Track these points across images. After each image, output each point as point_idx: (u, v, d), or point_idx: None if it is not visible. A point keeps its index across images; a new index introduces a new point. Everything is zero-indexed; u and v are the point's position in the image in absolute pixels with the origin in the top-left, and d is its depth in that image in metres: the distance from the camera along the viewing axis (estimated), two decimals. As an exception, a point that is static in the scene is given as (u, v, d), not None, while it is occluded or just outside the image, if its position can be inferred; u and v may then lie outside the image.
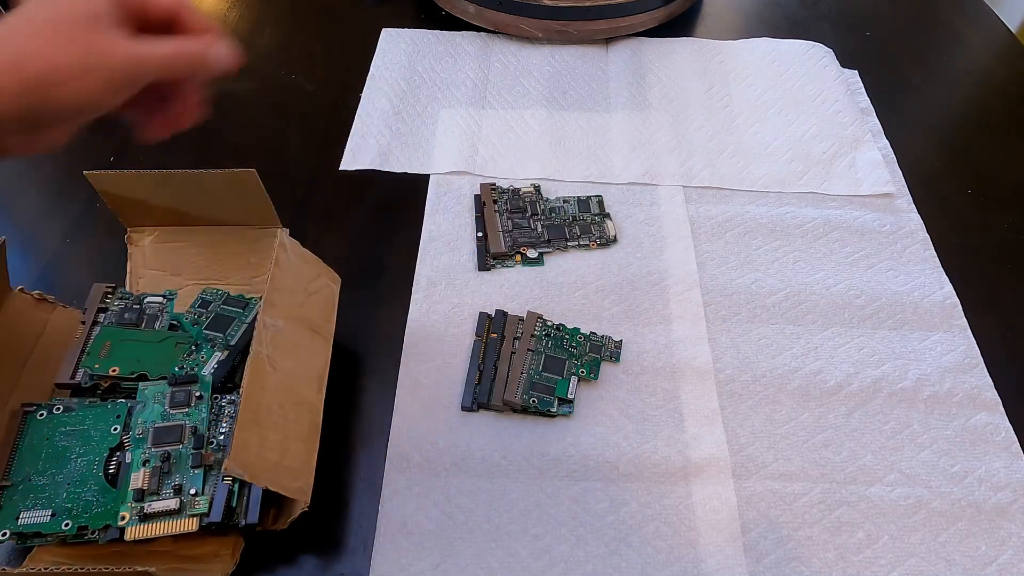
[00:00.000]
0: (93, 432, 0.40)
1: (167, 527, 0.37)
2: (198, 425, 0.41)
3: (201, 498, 0.38)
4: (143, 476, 0.38)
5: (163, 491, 0.38)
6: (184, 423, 0.41)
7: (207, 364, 0.44)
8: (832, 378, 0.49)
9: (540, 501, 0.43)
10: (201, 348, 0.45)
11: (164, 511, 0.38)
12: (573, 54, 0.73)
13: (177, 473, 0.39)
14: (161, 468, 0.39)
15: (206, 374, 0.43)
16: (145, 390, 0.42)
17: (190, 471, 0.39)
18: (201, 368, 0.44)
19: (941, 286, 0.55)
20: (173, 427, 0.40)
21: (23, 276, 0.54)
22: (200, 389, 0.42)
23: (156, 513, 0.38)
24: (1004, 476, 0.45)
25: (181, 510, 0.38)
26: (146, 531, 0.37)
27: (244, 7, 0.79)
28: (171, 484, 0.38)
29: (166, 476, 0.39)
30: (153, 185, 0.47)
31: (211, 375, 0.43)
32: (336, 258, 0.51)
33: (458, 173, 0.62)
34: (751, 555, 0.42)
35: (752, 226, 0.59)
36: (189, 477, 0.39)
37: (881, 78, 0.73)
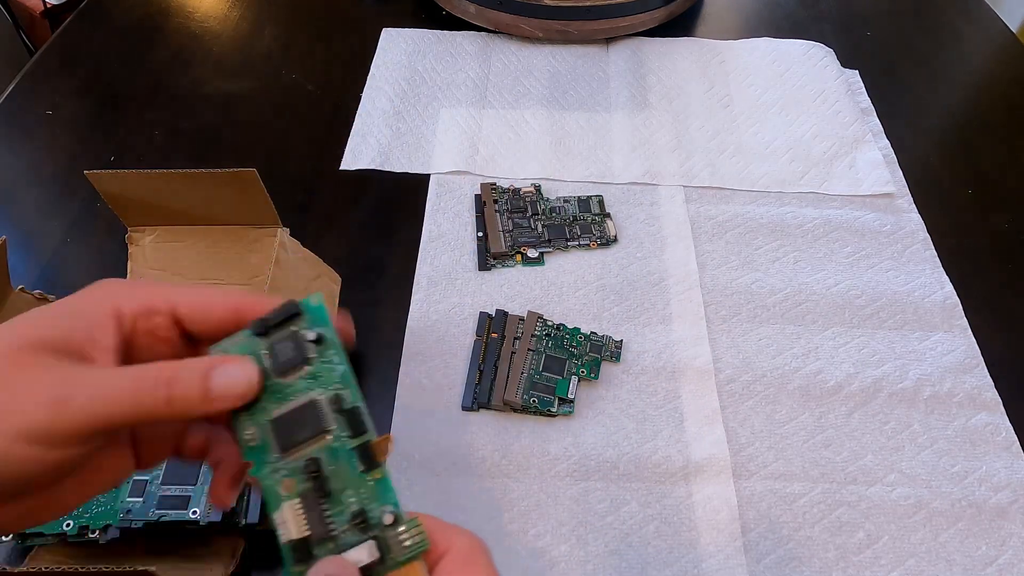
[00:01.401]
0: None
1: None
2: (340, 391, 0.25)
3: (405, 525, 0.23)
4: (294, 516, 0.24)
5: (338, 530, 0.24)
6: (316, 394, 0.25)
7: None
8: (832, 378, 0.49)
9: (540, 501, 0.43)
10: (201, 348, 0.44)
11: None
12: (573, 54, 0.73)
13: (346, 491, 0.24)
14: (315, 490, 0.24)
15: (312, 301, 0.26)
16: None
17: (363, 480, 0.24)
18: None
19: (941, 286, 0.55)
20: (301, 409, 0.25)
21: (23, 276, 0.54)
22: (310, 325, 0.26)
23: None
24: (1004, 476, 0.45)
25: (384, 556, 0.23)
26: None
27: (244, 7, 0.79)
28: (344, 515, 0.24)
29: (328, 503, 0.24)
30: (153, 185, 0.47)
31: (319, 301, 0.26)
32: (336, 258, 0.51)
33: (458, 173, 0.62)
34: (751, 555, 0.42)
35: (752, 226, 0.59)
36: (367, 491, 0.24)
37: (881, 78, 0.73)
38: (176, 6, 0.79)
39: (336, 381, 0.25)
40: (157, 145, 0.64)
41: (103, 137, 0.65)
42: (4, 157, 0.64)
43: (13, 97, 0.69)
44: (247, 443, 0.24)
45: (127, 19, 0.78)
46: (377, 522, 0.24)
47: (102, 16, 0.78)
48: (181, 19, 0.78)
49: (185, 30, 0.76)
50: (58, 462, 0.22)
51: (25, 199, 0.61)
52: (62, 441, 0.21)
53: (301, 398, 0.25)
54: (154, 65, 0.72)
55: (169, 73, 0.71)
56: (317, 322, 0.26)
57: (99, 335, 0.23)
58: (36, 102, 0.68)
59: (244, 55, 0.73)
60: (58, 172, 0.62)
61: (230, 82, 0.70)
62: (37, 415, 0.21)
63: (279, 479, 0.24)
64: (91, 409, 0.22)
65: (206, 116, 0.67)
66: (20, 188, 0.61)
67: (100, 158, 0.63)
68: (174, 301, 0.25)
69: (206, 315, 0.25)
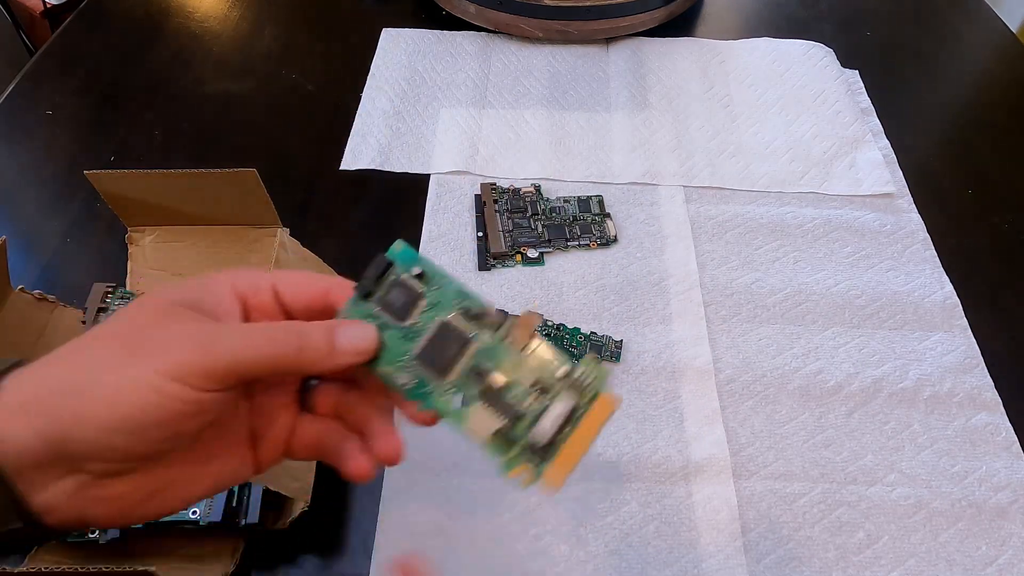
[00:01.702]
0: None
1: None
2: (462, 303, 0.27)
3: (582, 367, 0.26)
4: (482, 417, 0.26)
5: (524, 407, 0.26)
6: (442, 317, 0.27)
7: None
8: (832, 378, 0.49)
9: (540, 501, 0.43)
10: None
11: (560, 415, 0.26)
12: (573, 54, 0.73)
13: (513, 375, 0.26)
14: (488, 389, 0.26)
15: (396, 248, 0.28)
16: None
17: (523, 357, 0.27)
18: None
19: (941, 286, 0.55)
20: (437, 335, 0.27)
21: (23, 276, 0.54)
22: (405, 267, 0.28)
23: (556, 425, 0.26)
24: (1004, 476, 0.45)
25: (577, 400, 0.26)
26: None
27: (244, 7, 0.79)
28: (523, 393, 0.26)
29: (504, 392, 0.26)
30: (153, 185, 0.47)
31: (401, 246, 0.28)
32: (336, 258, 0.51)
33: (458, 173, 0.62)
34: (751, 555, 0.42)
35: (752, 226, 0.59)
36: (532, 364, 0.27)
37: (881, 78, 0.73)
38: (176, 6, 0.79)
39: (453, 298, 0.27)
40: (157, 145, 0.64)
41: (103, 137, 0.65)
42: (4, 157, 0.64)
43: (13, 97, 0.69)
44: (406, 388, 0.26)
45: (127, 19, 0.78)
46: (554, 380, 0.26)
47: (102, 16, 0.78)
48: (181, 19, 0.78)
49: (185, 30, 0.76)
50: (200, 405, 0.24)
51: (25, 199, 0.61)
52: (208, 379, 0.23)
53: (431, 327, 0.27)
54: (154, 65, 0.72)
55: (169, 73, 0.71)
56: (408, 261, 0.28)
57: (225, 302, 0.26)
58: (36, 102, 0.68)
59: (244, 55, 0.73)
60: (58, 172, 0.62)
61: (230, 82, 0.70)
62: (188, 354, 0.23)
63: (450, 399, 0.26)
64: (234, 351, 0.24)
65: (206, 116, 0.67)
66: (20, 188, 0.61)
67: (100, 158, 0.63)
68: (274, 280, 0.28)
69: (300, 291, 0.28)
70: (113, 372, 0.23)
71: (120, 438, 0.23)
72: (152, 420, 0.23)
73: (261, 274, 0.28)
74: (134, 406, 0.23)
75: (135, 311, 0.25)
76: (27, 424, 0.23)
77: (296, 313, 0.28)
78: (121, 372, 0.23)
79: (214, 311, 0.26)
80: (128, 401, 0.23)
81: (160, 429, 0.23)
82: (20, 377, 0.24)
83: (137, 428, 0.23)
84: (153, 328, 0.24)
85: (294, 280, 0.28)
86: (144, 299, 0.26)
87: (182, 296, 0.26)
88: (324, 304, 0.28)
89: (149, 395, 0.23)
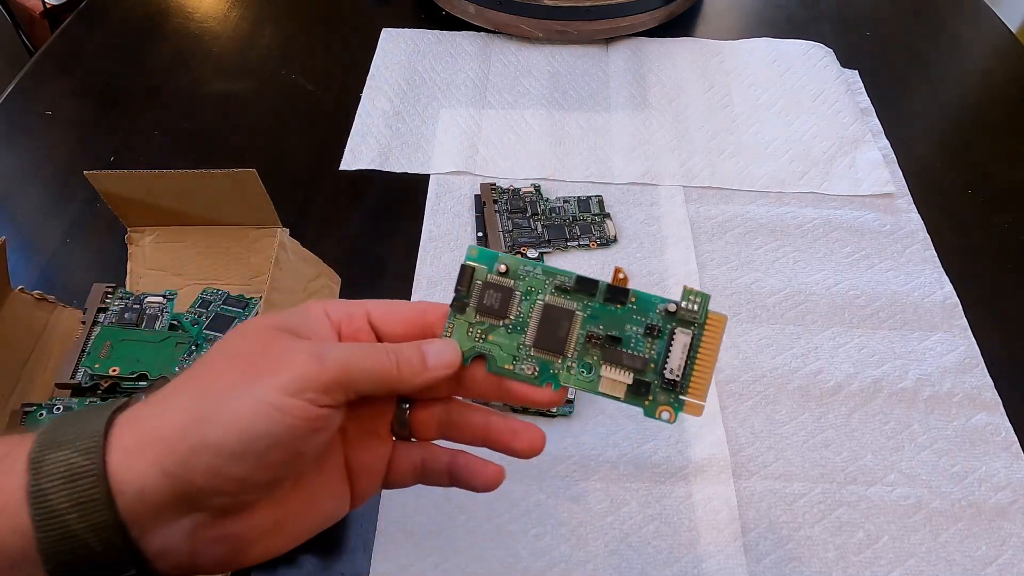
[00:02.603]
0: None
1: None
2: (556, 282, 0.29)
3: (684, 301, 0.28)
4: (612, 377, 0.28)
5: (646, 354, 0.28)
6: (541, 300, 0.29)
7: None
8: (832, 378, 0.49)
9: (540, 501, 0.43)
10: (201, 348, 0.45)
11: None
12: (573, 54, 0.73)
13: (624, 329, 0.28)
14: (607, 350, 0.28)
15: (471, 253, 0.29)
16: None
17: (628, 311, 0.28)
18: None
19: (941, 286, 0.55)
20: (542, 318, 0.28)
21: (23, 276, 0.54)
22: (489, 267, 0.29)
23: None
24: (1004, 476, 0.45)
25: (693, 331, 0.28)
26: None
27: (244, 7, 0.79)
28: (640, 343, 0.28)
29: (622, 346, 0.28)
30: (153, 185, 0.47)
31: (475, 250, 0.29)
32: (336, 258, 0.51)
33: (458, 173, 0.62)
34: (751, 555, 0.42)
35: (752, 226, 0.59)
36: (637, 314, 0.28)
37: (881, 78, 0.73)
38: (176, 6, 0.79)
39: (545, 280, 0.29)
40: (157, 145, 0.64)
41: (103, 137, 0.65)
42: (4, 157, 0.64)
43: (13, 97, 0.69)
44: (530, 378, 0.28)
45: (127, 19, 0.78)
46: (663, 320, 0.28)
47: (102, 16, 0.78)
48: (181, 19, 0.78)
49: (185, 30, 0.76)
50: (318, 422, 0.24)
51: (25, 199, 0.61)
52: (323, 391, 0.24)
53: (535, 313, 0.29)
54: (154, 65, 0.72)
55: (169, 73, 0.71)
56: (489, 261, 0.29)
57: (321, 329, 0.27)
58: (36, 102, 0.68)
59: (244, 55, 0.73)
60: (58, 172, 0.62)
61: (230, 82, 0.70)
62: (303, 367, 0.24)
63: (579, 369, 0.28)
64: (344, 361, 0.25)
65: (206, 116, 0.67)
66: (20, 188, 0.61)
67: (100, 158, 0.63)
68: (368, 307, 0.28)
69: (394, 316, 0.29)
70: (234, 396, 0.23)
71: (242, 465, 0.23)
72: (274, 440, 0.23)
73: (354, 302, 0.28)
74: (256, 426, 0.23)
75: (239, 339, 0.26)
76: (151, 461, 0.23)
77: (393, 336, 0.28)
78: (242, 394, 0.23)
79: (311, 336, 0.26)
80: (250, 422, 0.23)
81: (281, 450, 0.24)
82: (135, 414, 0.24)
83: (261, 450, 0.23)
84: (265, 350, 0.25)
85: (387, 307, 0.29)
86: (244, 328, 0.27)
87: (282, 322, 0.26)
88: (421, 326, 0.29)
89: (270, 413, 0.23)
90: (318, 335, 0.27)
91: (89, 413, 0.24)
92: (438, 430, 0.29)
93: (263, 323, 0.26)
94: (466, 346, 0.28)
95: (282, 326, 0.26)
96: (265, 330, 0.26)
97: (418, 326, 0.29)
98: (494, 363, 0.28)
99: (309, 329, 0.27)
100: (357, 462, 0.28)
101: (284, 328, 0.26)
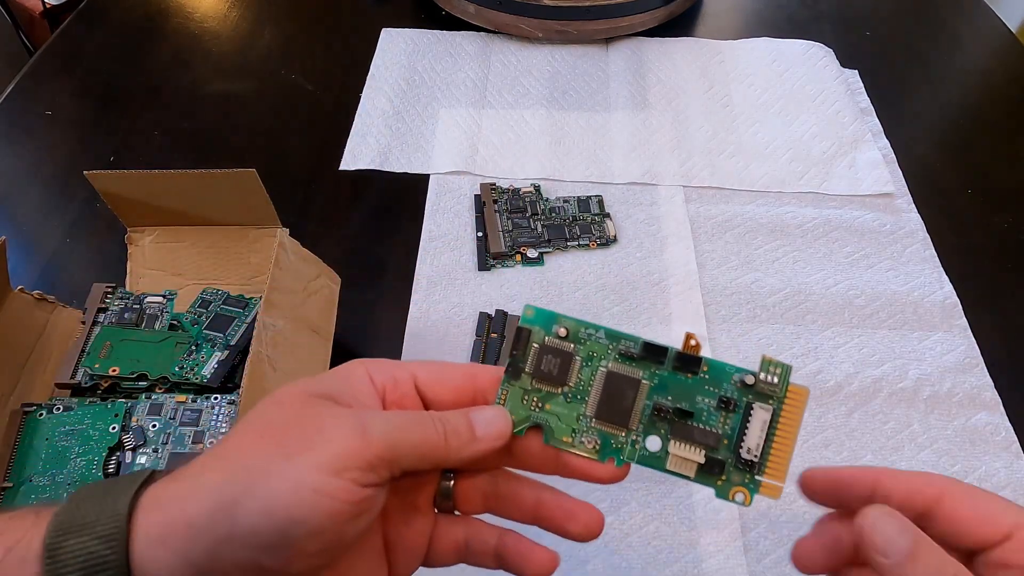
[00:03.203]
0: (92, 431, 0.40)
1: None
2: (620, 346, 0.26)
3: (762, 372, 0.26)
4: (681, 454, 0.26)
5: (720, 428, 0.26)
6: (604, 367, 0.26)
7: (207, 364, 0.44)
8: (832, 378, 0.49)
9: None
10: (201, 348, 0.45)
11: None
12: (573, 54, 0.73)
13: (695, 400, 0.26)
14: (677, 423, 0.26)
15: (527, 314, 0.27)
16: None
17: (700, 380, 0.26)
18: (201, 368, 0.44)
19: (941, 286, 0.55)
20: (605, 386, 0.26)
21: (23, 276, 0.54)
22: (546, 329, 0.27)
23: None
24: (1004, 476, 0.45)
25: (773, 404, 0.26)
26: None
27: (244, 7, 0.79)
28: (713, 416, 0.26)
29: (694, 420, 0.26)
30: (153, 185, 0.47)
31: (531, 312, 0.27)
32: (336, 258, 0.51)
33: (458, 173, 0.62)
34: (751, 555, 0.42)
35: (752, 226, 0.59)
36: (710, 384, 0.26)
37: (881, 78, 0.73)
38: (176, 6, 0.79)
39: (608, 345, 0.26)
40: (157, 145, 0.64)
41: (103, 137, 0.65)
42: (4, 157, 0.64)
43: (13, 97, 0.69)
44: (592, 452, 0.26)
45: (127, 19, 0.78)
46: (739, 392, 0.26)
47: (102, 16, 0.78)
48: (181, 19, 0.78)
49: (185, 30, 0.76)
50: (362, 505, 0.22)
51: (25, 199, 0.61)
52: (369, 470, 0.22)
53: (597, 380, 0.26)
54: (154, 65, 0.72)
55: (169, 73, 0.71)
56: (545, 322, 0.26)
57: (363, 395, 0.25)
58: (36, 102, 0.68)
59: (244, 55, 0.73)
60: (58, 172, 0.62)
61: (230, 82, 0.70)
62: (346, 443, 0.22)
63: (645, 444, 0.26)
64: (389, 437, 0.23)
65: (206, 116, 0.67)
66: (20, 188, 0.61)
67: (100, 158, 0.63)
68: (413, 371, 0.26)
69: (444, 381, 0.26)
70: (268, 476, 0.21)
71: (277, 555, 0.21)
72: (314, 527, 0.21)
73: (400, 364, 0.26)
74: (294, 512, 0.21)
75: (273, 408, 0.24)
76: (176, 550, 0.21)
77: (441, 403, 0.26)
78: (278, 474, 0.21)
79: (352, 404, 0.24)
80: (287, 507, 0.21)
81: (321, 538, 0.21)
82: (161, 493, 0.22)
83: (298, 539, 0.21)
84: (301, 421, 0.23)
85: (435, 370, 0.26)
86: (279, 394, 0.24)
87: (319, 388, 0.24)
88: (471, 392, 0.26)
89: (310, 497, 0.21)
90: (359, 402, 0.24)
91: (113, 487, 0.22)
92: (484, 504, 0.27)
93: (299, 389, 0.24)
94: (521, 415, 0.26)
95: (320, 392, 0.24)
96: (301, 397, 0.24)
97: (468, 392, 0.26)
98: (551, 435, 0.26)
99: (350, 395, 0.24)
100: (396, 538, 0.26)
101: (322, 394, 0.24)
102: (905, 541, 0.22)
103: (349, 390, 0.25)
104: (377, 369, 0.26)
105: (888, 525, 0.23)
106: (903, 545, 0.22)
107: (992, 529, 0.23)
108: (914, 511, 0.24)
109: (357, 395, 0.25)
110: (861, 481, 0.25)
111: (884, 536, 0.23)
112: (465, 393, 0.26)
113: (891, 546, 0.23)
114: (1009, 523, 0.23)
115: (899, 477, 0.25)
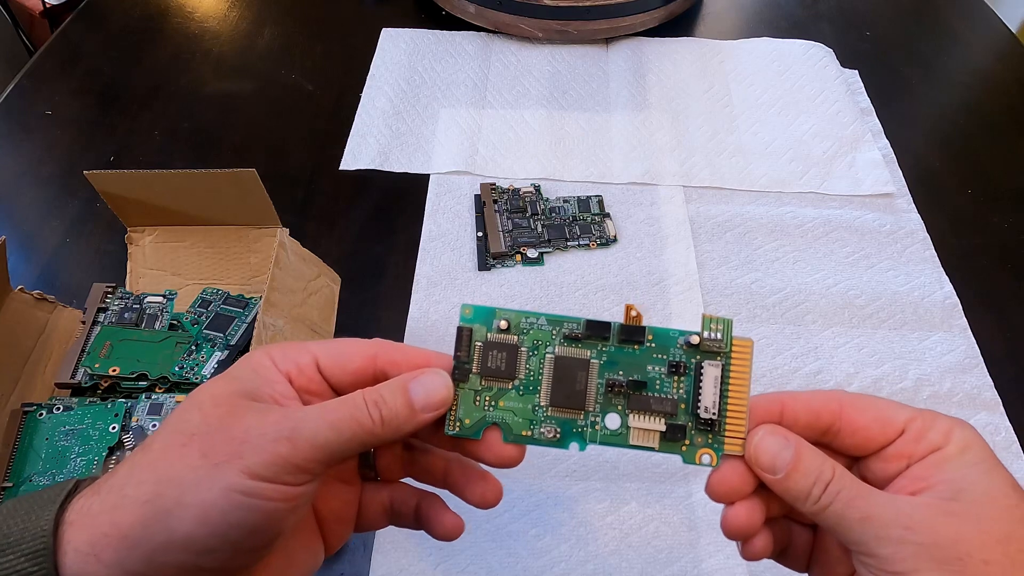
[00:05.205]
0: (92, 431, 0.41)
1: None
2: (563, 331, 0.26)
3: (706, 331, 0.26)
4: (642, 425, 0.26)
5: (675, 394, 0.26)
6: (551, 353, 0.26)
7: (207, 364, 0.44)
8: (832, 378, 0.49)
9: (540, 501, 0.43)
10: (201, 348, 0.45)
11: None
12: (573, 54, 0.73)
13: (646, 370, 0.26)
14: (632, 396, 0.26)
15: (465, 314, 0.27)
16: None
17: (647, 350, 0.26)
18: (201, 368, 0.44)
19: (941, 286, 0.55)
20: (556, 373, 0.26)
21: (23, 276, 0.54)
22: (487, 326, 0.26)
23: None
24: (1004, 476, 0.45)
25: (723, 361, 0.26)
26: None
27: (244, 7, 0.79)
28: (665, 383, 0.26)
29: (647, 390, 0.26)
30: (153, 185, 0.47)
31: (469, 311, 0.27)
32: (336, 258, 0.51)
33: (458, 173, 0.62)
34: (751, 555, 0.42)
35: (752, 226, 0.59)
36: (657, 351, 0.26)
37: (881, 78, 0.73)
38: (176, 6, 0.79)
39: (551, 329, 0.26)
40: (157, 145, 0.64)
41: (103, 137, 0.65)
42: (4, 157, 0.64)
43: (13, 97, 0.69)
44: (551, 440, 0.26)
45: (127, 19, 0.78)
46: (686, 355, 0.26)
47: (102, 16, 0.78)
48: (181, 19, 0.78)
49: (185, 30, 0.76)
50: (296, 500, 0.22)
51: (25, 199, 0.61)
52: (298, 471, 0.22)
53: (546, 368, 0.26)
54: (154, 65, 0.72)
55: (169, 73, 0.71)
56: (485, 318, 0.26)
57: (279, 387, 0.24)
58: (36, 102, 0.68)
59: (244, 55, 0.73)
60: (58, 172, 0.62)
61: (230, 82, 0.70)
62: (273, 449, 0.22)
63: (604, 423, 0.26)
64: (321, 437, 0.22)
65: (206, 116, 0.67)
66: (20, 188, 0.61)
67: (100, 158, 0.63)
68: (315, 354, 0.25)
69: (344, 362, 0.25)
70: (198, 484, 0.21)
71: (217, 556, 0.21)
72: (248, 528, 0.21)
73: (301, 348, 0.26)
74: (227, 519, 0.21)
75: (194, 413, 0.23)
76: (110, 561, 0.21)
77: (344, 387, 0.26)
78: (207, 481, 0.21)
79: (274, 398, 0.24)
80: (222, 512, 0.21)
81: (256, 536, 0.22)
82: (86, 507, 0.22)
83: (236, 539, 0.21)
84: (224, 426, 0.22)
85: (336, 352, 0.26)
86: (198, 397, 0.24)
87: (235, 387, 0.24)
88: (373, 369, 0.26)
89: (245, 502, 0.21)
90: (277, 393, 0.24)
91: (35, 504, 0.22)
92: (403, 469, 0.28)
93: (217, 390, 0.24)
94: (475, 417, 0.26)
95: (238, 391, 0.24)
96: (221, 399, 0.23)
97: (368, 373, 0.25)
98: (509, 432, 0.26)
99: (267, 390, 0.24)
100: (327, 512, 0.26)
101: (241, 393, 0.23)
102: (789, 453, 0.23)
103: (263, 384, 0.24)
104: (281, 356, 0.25)
105: (772, 443, 0.24)
106: (787, 457, 0.23)
107: (890, 428, 0.24)
108: (820, 429, 0.25)
109: (272, 388, 0.24)
110: (769, 412, 0.25)
111: (769, 453, 0.24)
112: (365, 376, 0.26)
113: (778, 461, 0.23)
114: (903, 419, 0.24)
115: (801, 398, 0.25)
